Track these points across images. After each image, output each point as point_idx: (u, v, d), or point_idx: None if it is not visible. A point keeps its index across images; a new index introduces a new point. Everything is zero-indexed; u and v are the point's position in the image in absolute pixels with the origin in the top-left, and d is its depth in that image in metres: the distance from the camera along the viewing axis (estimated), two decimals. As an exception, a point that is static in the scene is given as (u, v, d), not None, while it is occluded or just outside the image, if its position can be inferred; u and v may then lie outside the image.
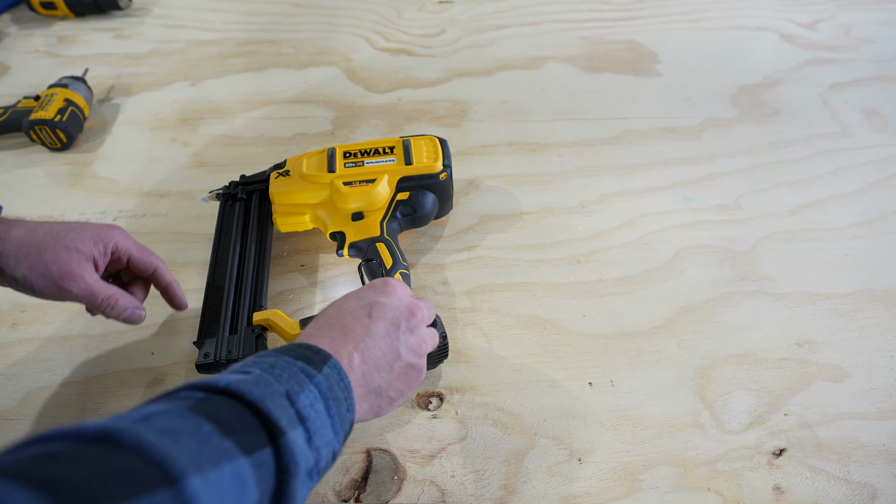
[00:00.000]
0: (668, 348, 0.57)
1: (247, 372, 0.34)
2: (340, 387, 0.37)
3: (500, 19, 1.03)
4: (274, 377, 0.34)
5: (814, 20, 1.03)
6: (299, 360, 0.36)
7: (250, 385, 0.32)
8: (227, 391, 0.31)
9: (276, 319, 0.53)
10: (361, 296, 0.43)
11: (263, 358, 0.36)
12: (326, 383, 0.36)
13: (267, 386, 0.32)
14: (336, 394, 0.36)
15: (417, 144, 0.63)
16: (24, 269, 0.43)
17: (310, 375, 0.35)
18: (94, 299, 0.45)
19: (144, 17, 1.04)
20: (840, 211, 0.70)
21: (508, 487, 0.48)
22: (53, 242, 0.44)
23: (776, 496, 0.48)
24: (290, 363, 0.35)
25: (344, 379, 0.37)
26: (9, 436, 0.51)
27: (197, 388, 0.31)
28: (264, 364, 0.35)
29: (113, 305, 0.46)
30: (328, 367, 0.37)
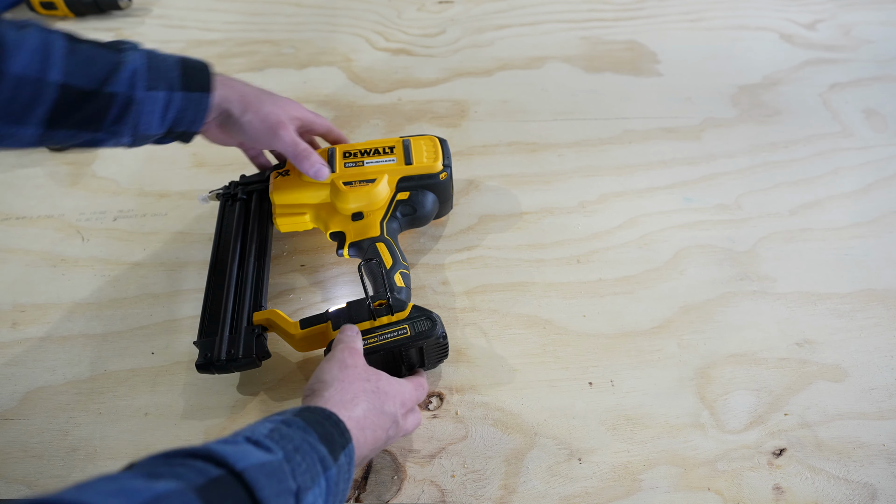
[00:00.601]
0: (668, 348, 0.57)
1: (270, 450, 0.33)
2: (345, 479, 0.38)
3: (500, 19, 1.03)
4: (292, 468, 0.33)
5: (814, 20, 1.03)
6: (323, 442, 0.36)
7: (264, 478, 0.31)
8: (241, 478, 0.30)
9: (276, 319, 0.53)
10: (393, 409, 0.45)
11: (292, 431, 0.36)
12: (336, 477, 0.36)
13: (280, 482, 0.32)
14: (339, 488, 0.37)
15: (417, 144, 0.63)
16: (249, 114, 0.52)
17: (326, 467, 0.35)
18: (295, 148, 0.54)
19: (144, 17, 1.04)
20: (840, 211, 0.70)
21: (508, 487, 0.48)
22: (268, 98, 0.54)
23: (776, 496, 0.48)
24: (314, 447, 0.36)
25: (351, 470, 0.38)
26: (9, 436, 0.51)
27: (215, 460, 0.30)
28: (290, 444, 0.34)
29: (308, 156, 0.55)
30: (345, 454, 0.38)
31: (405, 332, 0.50)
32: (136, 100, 0.46)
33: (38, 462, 0.50)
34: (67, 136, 0.46)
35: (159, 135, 0.50)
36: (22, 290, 0.62)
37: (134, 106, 0.46)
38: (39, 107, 0.43)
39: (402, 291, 0.55)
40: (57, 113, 0.44)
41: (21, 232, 0.68)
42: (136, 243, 0.66)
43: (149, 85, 0.46)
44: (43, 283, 0.63)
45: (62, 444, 0.51)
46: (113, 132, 0.47)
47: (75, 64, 0.43)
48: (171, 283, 0.63)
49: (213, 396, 0.54)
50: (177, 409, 0.53)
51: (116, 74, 0.45)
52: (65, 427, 0.52)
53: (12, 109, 0.42)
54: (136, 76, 0.46)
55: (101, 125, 0.46)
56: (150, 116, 0.48)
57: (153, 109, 0.47)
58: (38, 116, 0.43)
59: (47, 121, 0.44)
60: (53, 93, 0.43)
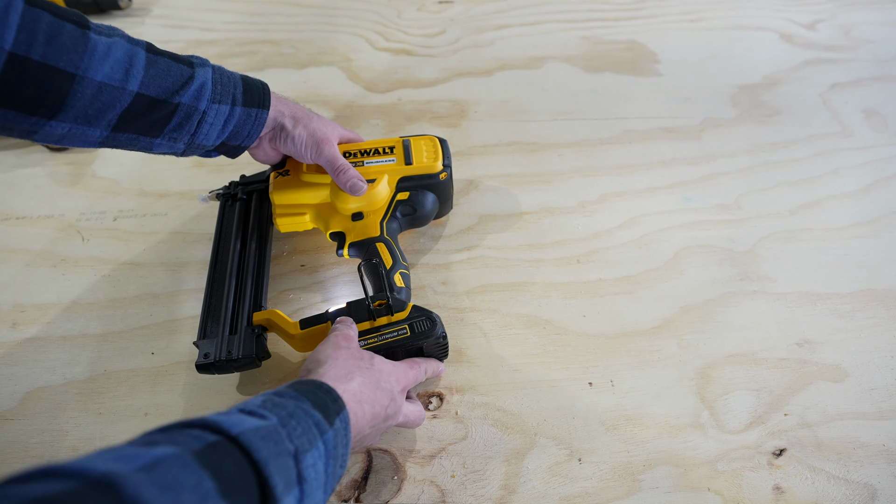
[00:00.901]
0: (668, 348, 0.57)
1: (264, 416, 0.34)
2: (342, 443, 0.38)
3: (500, 19, 1.03)
4: (287, 431, 0.34)
5: (814, 20, 1.03)
6: (317, 408, 0.37)
7: (260, 441, 0.32)
8: (238, 441, 0.31)
9: (275, 319, 0.53)
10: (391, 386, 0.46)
11: (285, 400, 0.37)
12: (334, 440, 0.37)
13: (277, 444, 0.33)
14: (337, 452, 0.37)
15: (417, 144, 0.63)
16: (300, 128, 0.55)
17: (322, 430, 0.36)
18: (335, 162, 0.56)
19: (144, 17, 1.04)
20: (840, 211, 0.70)
21: (508, 487, 0.48)
22: (315, 116, 0.58)
23: (776, 496, 0.48)
24: (308, 413, 0.36)
25: (348, 434, 0.39)
26: (9, 436, 0.51)
27: (210, 427, 0.31)
28: (283, 411, 0.35)
29: (346, 170, 0.57)
30: (340, 420, 0.38)
31: (405, 333, 0.50)
32: (199, 110, 0.48)
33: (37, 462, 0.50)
34: (129, 140, 0.48)
35: (213, 146, 0.53)
36: (22, 290, 0.62)
37: (196, 116, 0.49)
38: (112, 112, 0.45)
39: (402, 291, 0.55)
40: (125, 118, 0.46)
41: (21, 232, 0.68)
42: (136, 243, 0.66)
43: (213, 98, 0.49)
44: (43, 283, 0.63)
45: (62, 444, 0.51)
46: (171, 138, 0.49)
47: (153, 76, 0.46)
48: (171, 283, 0.63)
49: (213, 396, 0.54)
50: (177, 409, 0.53)
51: (187, 87, 0.47)
52: (65, 427, 0.52)
53: (88, 113, 0.44)
54: (204, 89, 0.48)
55: (162, 132, 0.48)
56: (211, 128, 0.50)
57: (215, 122, 0.50)
58: (108, 120, 0.45)
59: (115, 125, 0.46)
60: (128, 100, 0.45)
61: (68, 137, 0.45)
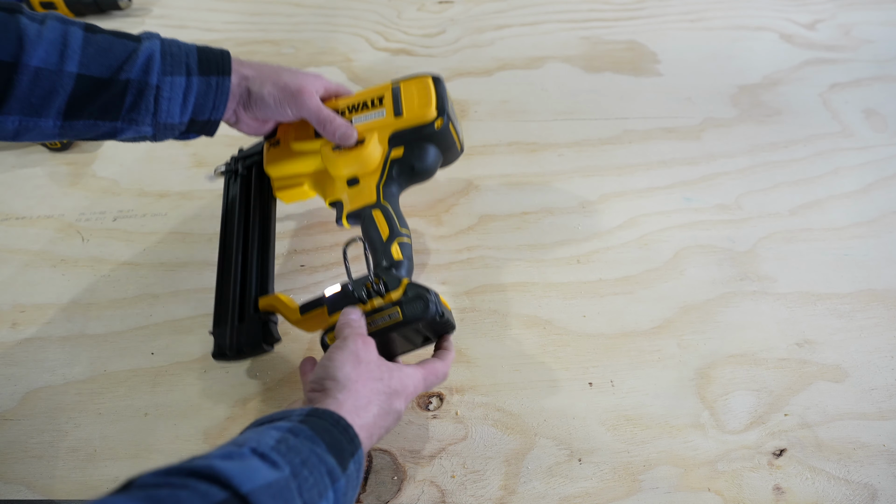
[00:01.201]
0: (668, 348, 0.57)
1: (276, 465, 0.32)
2: (352, 486, 0.37)
3: (500, 19, 1.03)
4: (298, 484, 0.32)
5: (814, 20, 1.03)
6: (331, 452, 0.35)
7: (270, 500, 0.29)
8: (247, 501, 0.29)
9: (277, 304, 0.52)
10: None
11: (300, 442, 0.35)
12: (345, 486, 0.35)
13: (287, 501, 0.31)
14: (347, 497, 0.36)
15: (408, 90, 0.55)
16: (268, 86, 0.50)
17: (334, 479, 0.35)
18: (318, 114, 0.52)
19: (144, 17, 1.03)
20: (840, 211, 0.70)
21: (508, 487, 0.48)
22: (287, 70, 0.53)
23: (776, 496, 0.48)
24: (322, 459, 0.34)
25: (360, 474, 0.38)
26: (9, 436, 0.51)
27: (219, 481, 0.29)
28: (297, 458, 0.33)
29: (332, 120, 0.52)
30: (353, 463, 0.37)
31: (397, 317, 0.46)
32: (151, 85, 0.45)
33: (38, 462, 0.50)
34: (88, 127, 0.46)
35: (182, 124, 0.49)
36: (22, 290, 0.62)
37: (149, 92, 0.46)
38: (57, 98, 0.43)
39: (401, 265, 0.50)
40: (73, 103, 0.44)
41: (21, 232, 0.68)
42: (136, 243, 0.66)
43: (164, 70, 0.46)
44: (43, 283, 0.63)
45: (62, 444, 0.51)
46: (131, 120, 0.46)
47: (91, 54, 0.43)
48: (171, 283, 0.62)
49: (212, 397, 0.54)
50: (177, 409, 0.53)
51: (131, 62, 0.45)
52: (65, 427, 0.52)
53: (31, 102, 0.42)
54: (151, 62, 0.45)
55: (119, 114, 0.46)
56: (170, 103, 0.47)
57: (172, 96, 0.47)
58: (55, 108, 0.43)
59: (65, 112, 0.44)
60: (70, 84, 0.43)
61: (23, 132, 0.44)
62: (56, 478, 0.49)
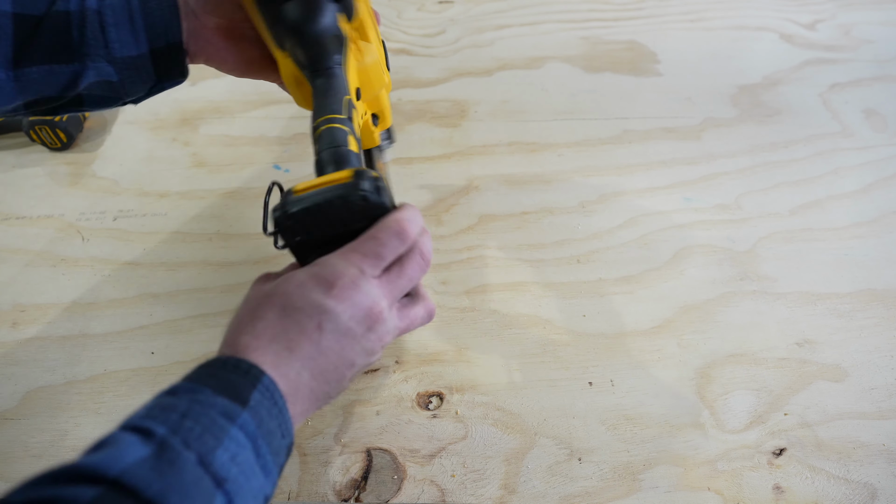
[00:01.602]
0: (668, 348, 0.57)
1: (148, 433, 0.28)
2: (273, 413, 0.32)
3: (500, 19, 1.03)
4: (182, 437, 0.28)
5: (814, 20, 1.03)
6: (221, 393, 0.31)
7: (149, 474, 0.26)
8: (121, 484, 0.25)
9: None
10: (307, 297, 0.35)
11: (177, 399, 0.30)
12: (255, 419, 0.31)
13: (171, 463, 0.27)
14: (267, 426, 0.32)
15: None
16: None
17: (232, 416, 0.30)
18: None
19: (144, 17, 1.03)
20: (840, 211, 0.70)
21: (508, 487, 0.48)
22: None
23: (776, 496, 0.48)
24: (208, 404, 0.30)
25: (278, 401, 0.33)
26: (9, 435, 0.51)
27: (85, 476, 0.25)
28: (173, 415, 0.29)
29: None
30: (258, 391, 0.32)
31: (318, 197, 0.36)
32: (92, 10, 0.42)
33: (38, 462, 0.50)
34: (44, 75, 0.43)
35: (143, 57, 0.45)
36: (22, 290, 0.62)
37: (91, 18, 0.42)
38: (3, 44, 0.41)
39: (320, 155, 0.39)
40: (20, 48, 0.41)
41: (21, 232, 0.68)
42: (136, 243, 0.66)
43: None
44: (43, 283, 0.63)
45: (62, 444, 0.51)
46: (85, 56, 0.43)
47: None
48: (171, 283, 0.63)
49: (213, 396, 0.54)
50: (177, 408, 0.53)
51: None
52: (65, 427, 0.52)
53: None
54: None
55: (72, 54, 0.43)
56: (118, 30, 0.43)
57: (117, 21, 0.43)
58: (3, 54, 0.41)
59: (13, 59, 0.41)
60: (9, 25, 0.41)
61: None
62: (56, 477, 0.49)
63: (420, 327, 0.43)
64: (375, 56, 0.47)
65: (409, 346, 0.57)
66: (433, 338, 0.57)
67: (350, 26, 0.47)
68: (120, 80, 0.45)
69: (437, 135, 0.80)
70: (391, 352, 0.57)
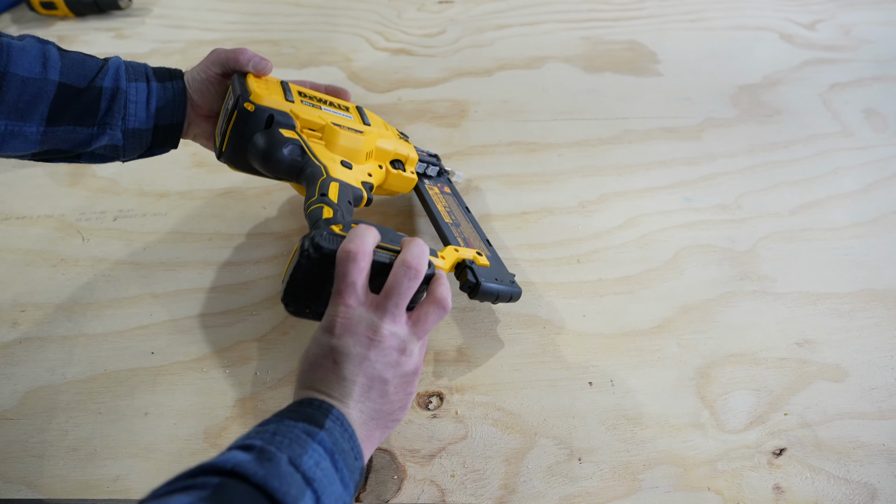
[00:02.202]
0: (668, 348, 0.57)
1: (249, 447, 0.35)
2: (345, 437, 0.39)
3: (500, 19, 1.03)
4: (275, 446, 0.35)
5: (814, 20, 1.03)
6: (300, 420, 0.38)
7: (254, 465, 0.33)
8: (235, 473, 0.32)
9: None
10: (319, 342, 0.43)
11: (266, 426, 0.38)
12: (330, 438, 0.38)
13: (269, 460, 0.34)
14: (342, 446, 0.38)
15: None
16: (194, 69, 0.56)
17: (312, 434, 0.37)
18: (229, 53, 0.55)
19: (144, 17, 1.04)
20: (840, 211, 0.70)
21: (508, 487, 0.48)
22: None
23: (776, 496, 0.48)
24: (292, 426, 0.37)
25: (348, 429, 0.39)
26: (9, 436, 0.51)
27: (209, 471, 0.33)
28: (266, 434, 0.36)
29: (242, 52, 0.55)
30: (330, 420, 0.39)
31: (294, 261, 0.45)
32: (122, 90, 0.52)
33: (38, 462, 0.50)
34: (67, 133, 0.51)
35: (149, 130, 0.54)
36: (22, 290, 0.62)
37: (120, 96, 0.52)
38: (41, 104, 0.49)
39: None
40: (55, 109, 0.49)
41: (21, 232, 0.68)
42: (136, 243, 0.66)
43: (129, 77, 0.53)
44: (43, 283, 0.63)
45: (62, 444, 0.51)
46: (105, 124, 0.52)
47: (69, 66, 0.50)
48: (171, 283, 0.63)
49: (213, 396, 0.54)
50: (177, 409, 0.53)
51: (103, 72, 0.51)
52: (65, 427, 0.52)
53: (19, 107, 0.48)
54: (120, 72, 0.52)
55: (95, 120, 0.51)
56: (137, 107, 0.53)
57: (138, 100, 0.53)
58: (39, 113, 0.49)
59: (48, 118, 0.49)
60: (52, 91, 0.49)
61: (8, 137, 0.48)
62: (56, 477, 0.49)
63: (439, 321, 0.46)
64: (339, 132, 0.56)
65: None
66: (433, 338, 0.57)
67: (305, 122, 0.55)
68: (123, 145, 0.53)
69: (437, 135, 0.80)
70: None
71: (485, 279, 0.53)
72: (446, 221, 0.60)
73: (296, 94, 0.57)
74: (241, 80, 0.54)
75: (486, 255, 0.57)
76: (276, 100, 0.54)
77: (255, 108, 0.52)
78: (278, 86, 0.57)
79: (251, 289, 0.62)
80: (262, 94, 0.53)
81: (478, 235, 0.61)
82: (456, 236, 0.58)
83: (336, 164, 0.55)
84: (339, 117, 0.58)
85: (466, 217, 0.63)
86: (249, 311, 0.60)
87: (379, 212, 0.69)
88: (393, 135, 0.63)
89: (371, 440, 0.43)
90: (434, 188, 0.65)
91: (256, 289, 0.62)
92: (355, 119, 0.60)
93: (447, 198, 0.65)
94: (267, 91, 0.54)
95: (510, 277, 0.56)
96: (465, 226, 0.61)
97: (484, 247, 0.59)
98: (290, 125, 0.54)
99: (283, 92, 0.56)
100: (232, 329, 0.58)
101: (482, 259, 0.55)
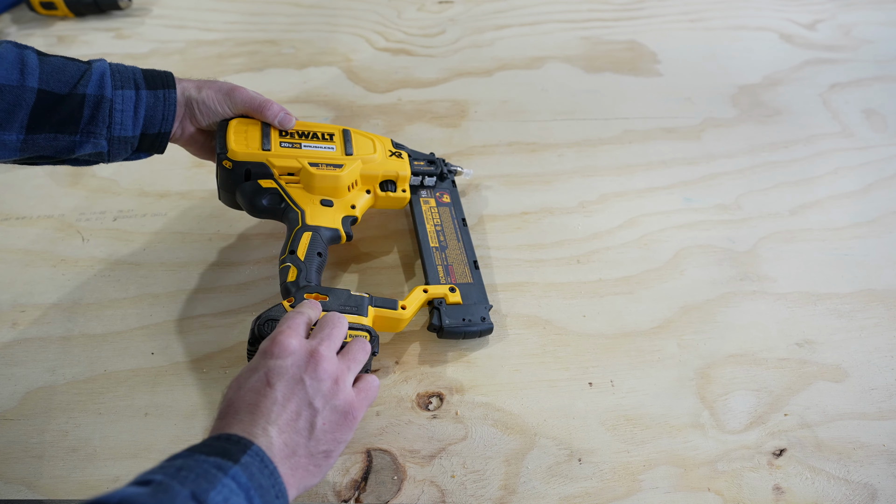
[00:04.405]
0: (668, 348, 0.57)
1: (147, 482, 0.32)
2: (264, 474, 0.36)
3: (500, 19, 1.03)
4: (178, 481, 0.32)
5: (814, 20, 1.03)
6: (213, 455, 0.35)
7: (145, 498, 0.30)
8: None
9: None
10: (254, 367, 0.42)
11: (172, 461, 0.35)
12: (246, 473, 0.35)
13: (166, 493, 0.31)
14: (259, 482, 0.35)
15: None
16: (206, 90, 0.55)
17: (224, 469, 0.34)
18: (253, 103, 0.56)
19: (144, 17, 1.04)
20: (840, 211, 0.70)
21: (508, 487, 0.48)
22: (217, 80, 0.58)
23: (776, 496, 0.48)
24: (202, 460, 0.34)
25: (268, 465, 0.36)
26: (9, 436, 0.51)
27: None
28: (170, 469, 0.33)
29: (269, 107, 0.57)
30: (248, 455, 0.36)
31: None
32: (107, 98, 0.50)
33: (38, 462, 0.50)
34: (48, 141, 0.49)
35: (135, 138, 0.53)
36: (22, 290, 0.62)
37: (105, 104, 0.50)
38: (20, 112, 0.47)
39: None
40: (35, 117, 0.48)
41: (21, 232, 0.68)
42: (136, 243, 0.66)
43: (115, 84, 0.51)
44: (43, 283, 0.63)
45: (62, 444, 0.51)
46: (89, 133, 0.50)
47: (49, 72, 0.48)
48: (171, 283, 0.62)
49: (213, 396, 0.54)
50: (177, 409, 0.53)
51: (86, 79, 0.49)
52: (65, 427, 0.52)
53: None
54: (104, 78, 0.50)
55: (78, 127, 0.50)
56: (123, 115, 0.51)
57: (124, 108, 0.51)
58: (18, 122, 0.47)
59: (27, 126, 0.48)
60: (31, 98, 0.47)
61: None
62: (56, 478, 0.49)
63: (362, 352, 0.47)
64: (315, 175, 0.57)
65: (409, 346, 0.57)
66: (433, 337, 0.57)
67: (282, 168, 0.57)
68: (108, 151, 0.52)
69: (437, 135, 0.80)
70: (391, 352, 0.57)
71: (450, 320, 0.55)
72: (432, 247, 0.60)
73: (275, 138, 0.58)
74: (222, 132, 0.56)
75: (461, 288, 0.57)
76: (251, 152, 0.56)
77: (231, 164, 0.56)
78: (258, 133, 0.58)
79: (251, 289, 0.62)
80: (237, 149, 0.55)
81: (465, 258, 0.60)
82: (437, 265, 0.59)
83: (315, 206, 0.57)
84: (318, 153, 0.59)
85: (458, 234, 0.62)
86: (249, 311, 0.60)
87: (379, 211, 0.69)
88: (384, 153, 0.62)
89: (295, 477, 0.39)
90: (429, 201, 0.65)
91: (256, 289, 0.62)
92: (338, 150, 0.60)
93: (441, 212, 0.64)
94: (245, 144, 0.56)
95: (485, 310, 0.56)
96: (453, 247, 0.61)
97: (468, 271, 0.59)
98: (266, 175, 0.57)
99: (261, 139, 0.57)
100: (232, 329, 0.58)
101: (454, 296, 0.56)
